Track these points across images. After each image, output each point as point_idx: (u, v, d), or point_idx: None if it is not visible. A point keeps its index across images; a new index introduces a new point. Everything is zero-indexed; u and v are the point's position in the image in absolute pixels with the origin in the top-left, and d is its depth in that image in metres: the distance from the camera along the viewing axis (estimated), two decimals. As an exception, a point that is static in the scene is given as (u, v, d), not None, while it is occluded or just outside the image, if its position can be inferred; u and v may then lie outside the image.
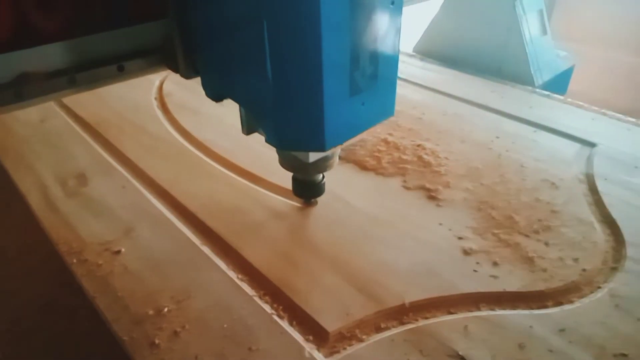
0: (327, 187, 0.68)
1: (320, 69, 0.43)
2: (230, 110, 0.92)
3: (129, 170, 0.75)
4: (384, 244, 0.60)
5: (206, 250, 0.60)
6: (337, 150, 0.59)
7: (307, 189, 0.63)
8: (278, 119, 0.48)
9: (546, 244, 0.60)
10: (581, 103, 0.95)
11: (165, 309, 0.51)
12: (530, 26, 1.02)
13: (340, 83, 0.45)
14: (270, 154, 0.77)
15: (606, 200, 0.67)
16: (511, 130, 0.84)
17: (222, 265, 0.57)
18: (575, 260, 0.57)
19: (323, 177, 0.63)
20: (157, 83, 1.02)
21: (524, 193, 0.69)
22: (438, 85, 1.01)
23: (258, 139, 0.54)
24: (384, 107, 0.53)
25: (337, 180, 0.71)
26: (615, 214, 0.64)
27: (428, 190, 0.69)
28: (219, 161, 0.76)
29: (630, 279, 0.55)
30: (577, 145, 0.80)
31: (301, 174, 0.61)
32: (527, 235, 0.61)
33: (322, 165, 0.58)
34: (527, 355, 0.47)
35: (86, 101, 0.93)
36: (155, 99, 0.96)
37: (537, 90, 1.00)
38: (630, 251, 0.59)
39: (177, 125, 0.86)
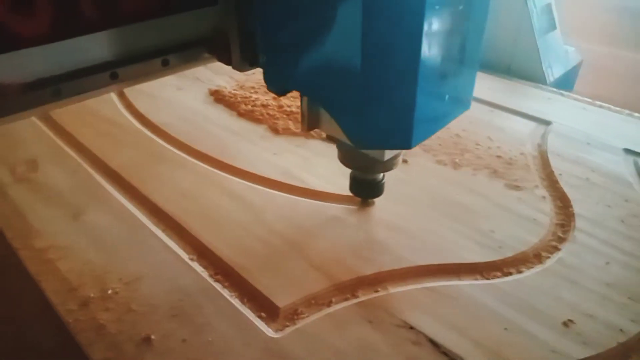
0: (281, 169, 0.68)
1: (418, 61, 0.40)
2: (188, 94, 0.91)
3: (81, 155, 0.73)
4: (340, 223, 0.60)
5: (158, 232, 0.59)
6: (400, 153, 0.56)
7: (367, 188, 0.59)
8: (363, 116, 0.44)
9: (501, 218, 0.61)
10: (539, 85, 0.97)
11: (110, 291, 0.50)
12: (540, 21, 0.96)
13: (432, 76, 0.43)
14: (227, 136, 0.77)
15: (558, 175, 0.68)
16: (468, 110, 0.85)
17: (173, 246, 0.56)
18: (527, 232, 0.58)
19: (383, 176, 0.59)
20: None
21: (479, 170, 0.70)
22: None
23: (213, 122, 0.53)
24: (463, 100, 0.50)
25: (294, 162, 0.71)
26: (566, 188, 0.66)
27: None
28: (175, 145, 0.74)
29: (578, 250, 0.56)
30: (533, 124, 0.82)
31: (364, 172, 0.57)
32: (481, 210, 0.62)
33: (390, 164, 0.55)
34: (475, 324, 0.47)
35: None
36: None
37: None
38: (579, 223, 0.60)
39: (132, 109, 0.84)
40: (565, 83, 1.02)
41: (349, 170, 0.58)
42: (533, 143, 0.77)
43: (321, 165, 0.70)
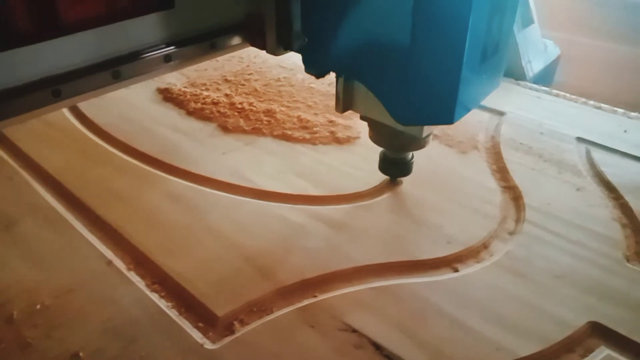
0: (229, 169, 0.66)
1: (465, 39, 0.42)
2: (134, 93, 0.87)
3: (17, 160, 0.69)
4: (284, 223, 0.58)
5: (94, 240, 0.55)
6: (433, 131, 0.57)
7: (398, 167, 0.61)
8: (409, 93, 0.46)
9: (450, 211, 0.60)
10: None
11: (39, 305, 0.47)
12: (518, 16, 0.93)
13: (475, 54, 0.45)
14: (173, 135, 0.73)
15: (509, 166, 0.68)
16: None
17: (110, 255, 0.53)
18: (477, 226, 0.57)
19: (412, 156, 0.60)
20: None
21: (432, 163, 0.68)
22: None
23: (159, 121, 0.50)
24: (496, 79, 0.53)
25: (243, 161, 0.68)
26: (517, 179, 0.65)
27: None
28: (117, 146, 0.71)
29: (528, 242, 0.56)
30: (486, 115, 0.81)
31: (397, 150, 0.59)
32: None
33: (423, 142, 0.56)
34: (420, 324, 0.46)
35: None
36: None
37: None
38: (529, 214, 0.60)
39: (75, 110, 0.79)
40: (545, 77, 1.00)
41: (298, 168, 0.56)
42: (487, 134, 0.76)
43: (271, 163, 0.68)
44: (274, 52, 0.54)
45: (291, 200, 0.61)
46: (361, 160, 0.69)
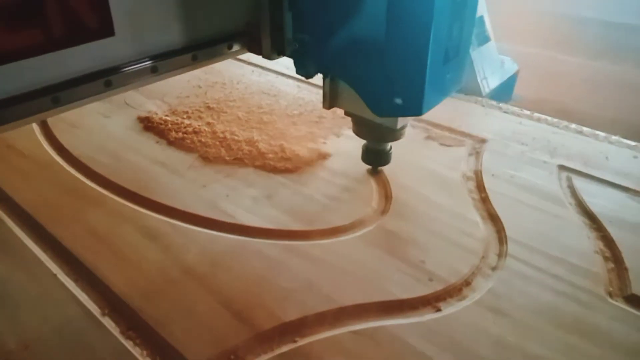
0: (208, 203, 0.65)
1: (428, 43, 0.51)
2: (114, 122, 0.86)
3: None
4: (262, 259, 0.57)
5: (68, 281, 0.54)
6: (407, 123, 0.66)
7: (377, 157, 0.70)
8: (384, 87, 0.55)
9: (432, 246, 0.59)
10: (478, 98, 0.97)
11: (4, 358, 0.45)
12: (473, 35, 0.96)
13: (439, 55, 0.54)
14: (152, 167, 0.72)
15: (492, 196, 0.68)
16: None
17: (84, 298, 0.52)
18: (459, 261, 0.57)
19: (390, 147, 0.69)
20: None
21: (413, 193, 0.68)
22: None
23: (138, 152, 0.48)
24: (458, 79, 0.61)
25: (223, 194, 0.67)
26: (499, 210, 0.65)
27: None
28: (93, 179, 0.70)
29: (509, 278, 0.55)
30: (468, 142, 0.81)
31: (378, 141, 0.68)
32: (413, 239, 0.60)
33: (398, 134, 0.65)
34: (401, 369, 0.45)
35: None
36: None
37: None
38: (511, 248, 0.59)
39: (52, 140, 0.78)
40: (502, 93, 1.03)
41: (278, 200, 0.57)
42: (468, 162, 0.76)
43: (251, 196, 0.67)
44: (270, 57, 0.62)
45: (270, 235, 0.60)
46: (341, 190, 0.68)
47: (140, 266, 0.55)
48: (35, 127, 0.83)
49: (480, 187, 0.70)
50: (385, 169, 0.73)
